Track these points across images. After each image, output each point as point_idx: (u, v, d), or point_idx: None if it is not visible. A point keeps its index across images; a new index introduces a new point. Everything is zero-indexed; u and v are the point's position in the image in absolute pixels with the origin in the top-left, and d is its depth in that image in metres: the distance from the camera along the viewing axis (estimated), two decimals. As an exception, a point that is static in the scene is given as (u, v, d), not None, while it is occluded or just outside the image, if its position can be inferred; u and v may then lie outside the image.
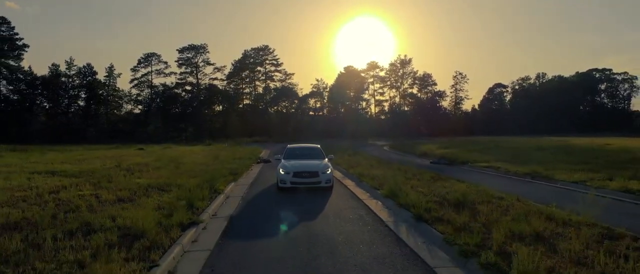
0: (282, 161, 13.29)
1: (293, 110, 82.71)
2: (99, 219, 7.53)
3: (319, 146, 15.24)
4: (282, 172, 12.26)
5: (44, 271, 5.16)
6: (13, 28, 69.92)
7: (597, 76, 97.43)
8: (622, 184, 12.88)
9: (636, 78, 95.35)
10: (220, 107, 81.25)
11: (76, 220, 7.54)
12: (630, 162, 17.77)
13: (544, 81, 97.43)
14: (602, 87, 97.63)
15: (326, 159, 13.57)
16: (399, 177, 12.40)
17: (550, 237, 6.35)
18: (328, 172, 12.39)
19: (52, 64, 72.14)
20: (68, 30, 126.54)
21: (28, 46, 70.74)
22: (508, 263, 5.08)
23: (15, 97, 71.64)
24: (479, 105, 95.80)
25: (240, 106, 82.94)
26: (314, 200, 10.82)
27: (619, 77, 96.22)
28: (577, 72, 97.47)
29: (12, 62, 70.69)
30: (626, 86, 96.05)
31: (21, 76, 70.92)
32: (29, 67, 71.50)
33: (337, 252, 6.39)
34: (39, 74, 71.23)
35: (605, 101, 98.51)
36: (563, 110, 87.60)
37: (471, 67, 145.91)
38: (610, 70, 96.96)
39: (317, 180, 12.10)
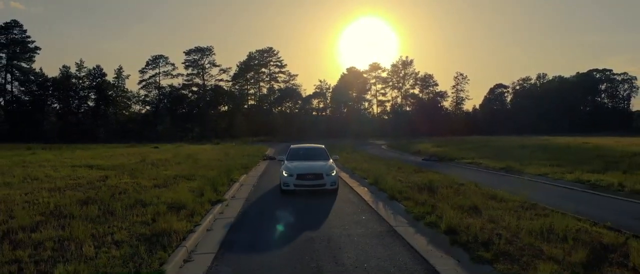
0: (285, 162, 12.85)
1: (297, 110, 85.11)
2: (148, 198, 9.98)
3: (323, 146, 14.78)
4: (285, 175, 11.89)
5: (122, 227, 7.58)
6: (25, 31, 72.88)
7: (598, 76, 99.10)
8: (577, 176, 15.19)
9: (635, 78, 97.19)
10: (226, 107, 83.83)
11: (130, 198, 9.99)
12: (596, 158, 20.04)
13: (545, 81, 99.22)
14: (602, 87, 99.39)
15: (331, 160, 13.13)
16: (383, 170, 14.83)
17: (483, 208, 8.72)
18: (333, 174, 11.95)
19: (63, 66, 75.03)
20: (73, 31, 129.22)
21: (40, 49, 73.74)
22: (448, 227, 7.44)
23: (26, 98, 74.58)
24: (480, 105, 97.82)
25: (245, 106, 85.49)
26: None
27: (619, 78, 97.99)
28: (578, 73, 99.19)
29: (23, 64, 73.71)
30: (626, 86, 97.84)
31: (32, 78, 73.84)
32: (40, 69, 74.48)
33: (329, 219, 8.83)
34: (49, 75, 74.24)
35: (606, 101, 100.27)
36: (564, 110, 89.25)
37: (473, 68, 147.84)
38: (610, 70, 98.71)
39: (322, 182, 11.71)
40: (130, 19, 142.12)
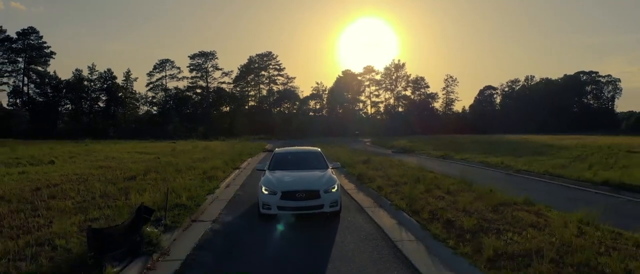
0: (266, 173, 9.98)
1: (294, 110, 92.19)
2: (195, 165, 17.08)
3: (319, 149, 12.03)
4: (265, 192, 8.91)
5: (189, 174, 14.64)
6: (41, 37, 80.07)
7: (584, 78, 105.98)
8: (483, 159, 22.23)
9: (619, 80, 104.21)
10: (228, 108, 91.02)
11: (184, 166, 17.08)
12: (516, 149, 27.08)
13: (532, 83, 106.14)
14: (588, 89, 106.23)
15: (330, 169, 10.36)
16: (347, 155, 21.92)
17: (385, 168, 15.82)
18: (334, 190, 9.02)
19: (76, 69, 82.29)
20: (74, 31, 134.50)
21: (55, 53, 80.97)
22: (359, 174, 14.52)
23: (41, 100, 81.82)
24: (470, 106, 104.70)
25: (246, 107, 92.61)
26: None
27: (603, 80, 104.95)
28: (565, 75, 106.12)
29: (39, 68, 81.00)
30: (610, 87, 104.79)
31: (47, 80, 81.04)
32: (54, 72, 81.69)
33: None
34: (59, 76, 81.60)
35: (591, 102, 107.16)
36: (551, 111, 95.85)
37: (464, 70, 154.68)
38: (596, 72, 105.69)
39: (318, 203, 8.68)
40: (132, 21, 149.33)
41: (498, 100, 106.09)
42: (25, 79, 79.86)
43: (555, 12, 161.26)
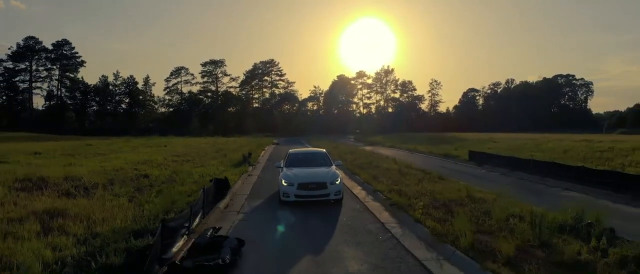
0: (284, 169, 12.88)
1: (294, 111, 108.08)
2: (240, 148, 33.11)
3: (324, 150, 15.50)
4: (285, 184, 11.80)
5: (243, 149, 30.73)
6: (73, 48, 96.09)
7: (561, 81, 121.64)
8: (410, 147, 38.15)
9: (591, 83, 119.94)
10: (234, 109, 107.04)
11: (235, 148, 33.11)
12: (442, 142, 42.97)
13: (513, 85, 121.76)
14: (564, 91, 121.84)
15: (334, 166, 13.32)
16: (326, 145, 37.97)
17: (342, 149, 31.84)
18: (338, 182, 11.94)
19: (102, 75, 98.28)
20: (74, 31, 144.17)
21: (85, 62, 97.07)
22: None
23: (70, 102, 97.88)
24: (454, 107, 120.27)
25: (250, 108, 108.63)
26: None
27: (578, 82, 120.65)
28: (544, 78, 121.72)
29: (70, 75, 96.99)
30: (583, 89, 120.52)
31: (75, 86, 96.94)
32: (82, 78, 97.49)
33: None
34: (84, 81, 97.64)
35: (568, 103, 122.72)
36: (529, 111, 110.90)
37: (451, 73, 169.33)
38: (573, 75, 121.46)
39: (325, 192, 11.62)
40: (132, 21, 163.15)
41: (481, 101, 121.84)
42: (58, 84, 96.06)
43: (545, 15, 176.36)
